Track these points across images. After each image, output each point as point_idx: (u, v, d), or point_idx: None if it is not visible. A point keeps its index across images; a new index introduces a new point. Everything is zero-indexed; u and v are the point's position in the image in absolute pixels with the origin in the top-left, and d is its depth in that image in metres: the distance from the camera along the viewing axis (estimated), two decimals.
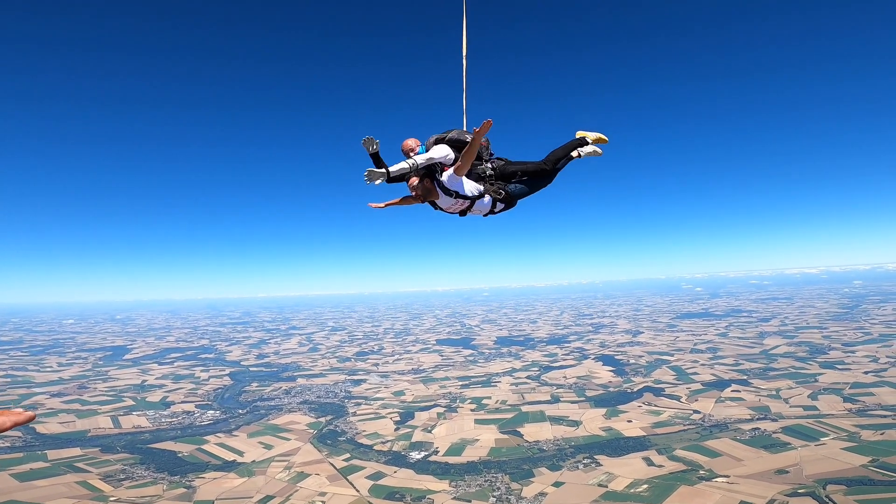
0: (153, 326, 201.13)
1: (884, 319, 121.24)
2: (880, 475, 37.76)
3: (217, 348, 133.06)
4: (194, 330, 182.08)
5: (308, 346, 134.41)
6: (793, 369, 76.32)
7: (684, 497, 37.63)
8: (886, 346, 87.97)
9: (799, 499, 35.43)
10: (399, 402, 71.64)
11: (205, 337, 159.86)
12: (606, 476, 42.92)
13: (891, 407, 54.14)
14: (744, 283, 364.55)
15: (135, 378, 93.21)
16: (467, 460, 48.95)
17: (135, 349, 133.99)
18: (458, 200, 7.53)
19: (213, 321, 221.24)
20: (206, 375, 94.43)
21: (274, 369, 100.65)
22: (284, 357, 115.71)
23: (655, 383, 73.15)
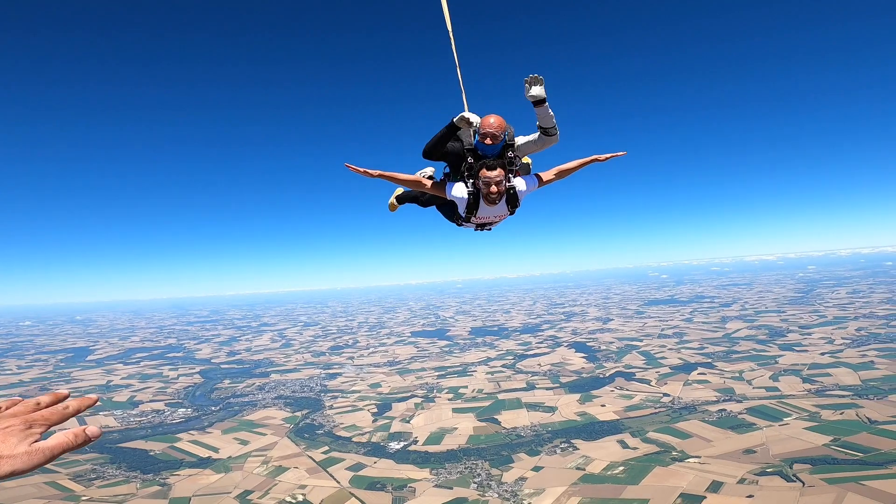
0: (116, 327, 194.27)
1: (837, 303, 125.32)
2: (842, 454, 38.94)
3: (185, 347, 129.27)
4: (160, 329, 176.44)
5: (281, 341, 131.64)
6: (754, 352, 78.39)
7: (659, 477, 38.39)
8: (841, 328, 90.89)
9: (767, 478, 36.36)
10: (376, 394, 71.20)
11: (171, 336, 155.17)
12: (584, 459, 43.49)
13: (847, 387, 56.02)
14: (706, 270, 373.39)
15: (99, 379, 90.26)
16: (447, 449, 48.98)
17: (98, 350, 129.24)
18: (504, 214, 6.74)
19: (179, 320, 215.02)
20: (175, 374, 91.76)
21: (246, 366, 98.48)
22: (256, 353, 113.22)
23: (626, 368, 74.37)
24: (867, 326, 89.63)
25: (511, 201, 6.51)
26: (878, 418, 45.18)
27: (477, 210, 6.51)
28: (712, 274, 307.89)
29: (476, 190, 6.38)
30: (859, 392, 53.66)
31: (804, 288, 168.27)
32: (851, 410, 47.99)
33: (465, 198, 6.47)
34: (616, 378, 69.27)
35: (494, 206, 6.44)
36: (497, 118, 6.31)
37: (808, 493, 33.36)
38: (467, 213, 6.57)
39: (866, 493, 32.32)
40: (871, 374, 59.47)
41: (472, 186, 6.43)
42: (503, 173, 6.17)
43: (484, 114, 6.45)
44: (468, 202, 6.46)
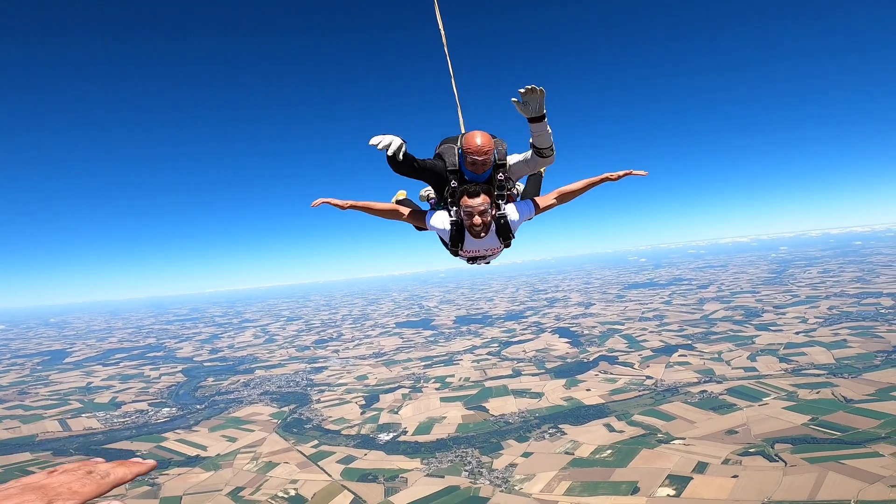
0: (93, 329, 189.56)
1: (809, 282, 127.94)
2: (821, 433, 39.95)
3: (166, 346, 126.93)
4: (138, 329, 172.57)
5: (264, 337, 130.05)
6: (731, 332, 79.94)
7: (646, 460, 39.15)
8: (813, 307, 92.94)
9: (750, 458, 37.22)
10: (363, 386, 71.12)
11: (151, 335, 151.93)
12: (572, 444, 44.14)
13: (822, 366, 57.48)
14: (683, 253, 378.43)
15: (79, 381, 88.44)
16: (436, 438, 49.28)
17: (75, 352, 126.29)
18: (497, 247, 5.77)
19: (158, 319, 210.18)
20: (157, 374, 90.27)
21: (230, 363, 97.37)
22: (239, 350, 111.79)
23: (609, 352, 75.36)
24: (839, 305, 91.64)
25: (502, 232, 5.54)
26: (853, 397, 46.40)
27: (462, 243, 5.58)
28: (689, 256, 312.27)
29: (460, 220, 5.40)
30: (834, 371, 55.07)
31: (777, 268, 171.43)
32: (827, 389, 49.22)
33: (446, 229, 5.52)
34: (600, 362, 70.20)
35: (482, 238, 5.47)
36: (484, 137, 5.22)
37: (791, 473, 34.14)
38: (451, 246, 5.66)
39: (846, 472, 33.11)
40: (844, 353, 60.99)
41: (455, 215, 5.44)
42: (488, 201, 5.19)
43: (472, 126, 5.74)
44: (451, 234, 5.52)
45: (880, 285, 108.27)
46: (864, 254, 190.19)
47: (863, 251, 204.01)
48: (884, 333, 67.31)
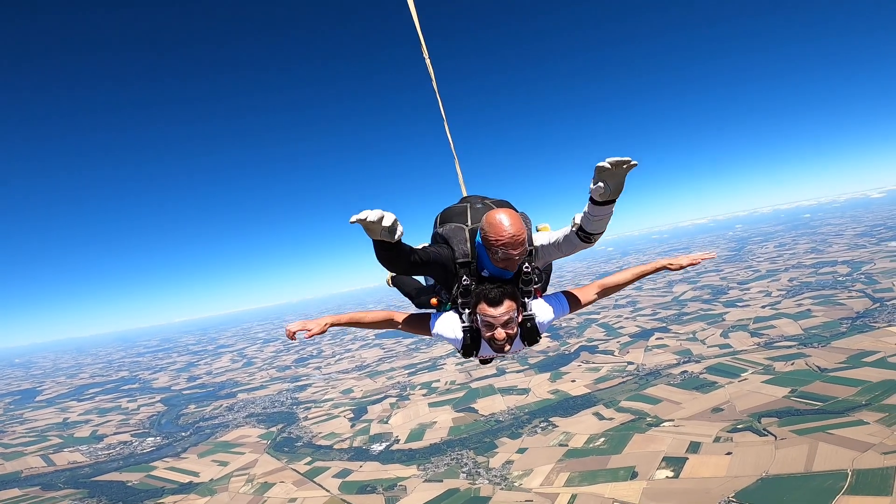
0: (60, 366, 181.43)
1: (767, 257, 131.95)
2: (803, 405, 40.96)
3: (140, 378, 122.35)
4: (109, 364, 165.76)
5: (242, 361, 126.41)
6: (702, 311, 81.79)
7: (640, 444, 39.74)
8: (775, 280, 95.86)
9: (740, 434, 38.02)
10: (349, 400, 70.27)
11: (123, 369, 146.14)
12: (564, 436, 44.50)
13: (792, 337, 59.34)
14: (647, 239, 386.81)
15: (55, 417, 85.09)
16: (429, 443, 49.05)
17: (46, 390, 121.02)
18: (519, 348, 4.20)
19: (128, 353, 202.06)
20: (135, 405, 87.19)
21: (209, 389, 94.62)
22: (218, 376, 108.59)
23: (589, 342, 76.13)
24: (798, 276, 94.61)
25: (528, 336, 4.11)
26: (827, 366, 47.79)
27: (478, 351, 4.15)
28: (653, 242, 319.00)
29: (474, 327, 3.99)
30: (803, 341, 56.92)
31: (736, 246, 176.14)
32: (801, 360, 50.64)
33: (458, 338, 4.10)
34: (581, 352, 70.87)
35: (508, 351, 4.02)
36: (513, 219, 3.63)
37: (783, 446, 34.85)
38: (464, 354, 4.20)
39: (836, 442, 33.82)
40: (810, 323, 63.06)
41: (468, 320, 4.02)
42: (514, 307, 3.75)
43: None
44: (464, 344, 4.09)
45: (834, 254, 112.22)
46: (814, 226, 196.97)
47: (812, 223, 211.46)
48: (845, 300, 69.75)
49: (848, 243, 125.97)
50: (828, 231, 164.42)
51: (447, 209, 4.45)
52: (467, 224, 4.17)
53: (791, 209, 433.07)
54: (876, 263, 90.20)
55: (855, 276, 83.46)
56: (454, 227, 4.15)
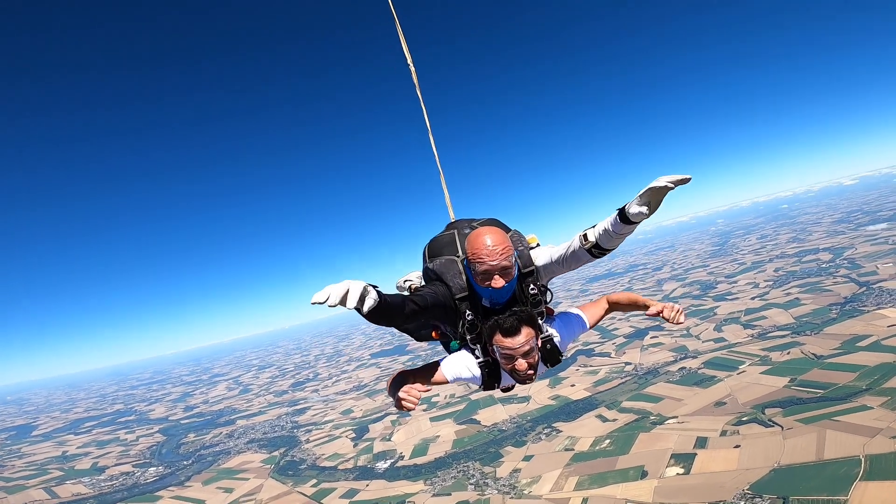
0: (53, 402, 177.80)
1: (751, 249, 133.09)
2: (805, 393, 40.95)
3: (136, 410, 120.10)
4: (103, 398, 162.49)
5: (238, 388, 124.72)
6: (693, 307, 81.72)
7: (646, 443, 39.58)
8: (761, 271, 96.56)
9: (746, 426, 37.94)
10: (350, 420, 69.49)
11: (118, 402, 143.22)
12: (569, 440, 44.27)
13: (784, 326, 59.69)
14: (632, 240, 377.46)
15: (53, 451, 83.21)
16: (434, 458, 48.61)
17: (41, 425, 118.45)
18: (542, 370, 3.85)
19: (121, 386, 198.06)
20: (134, 436, 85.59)
21: (208, 417, 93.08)
22: (215, 404, 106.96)
23: (584, 345, 75.79)
24: (783, 266, 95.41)
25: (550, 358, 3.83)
26: (822, 353, 47.94)
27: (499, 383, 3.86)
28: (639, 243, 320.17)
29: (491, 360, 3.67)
30: (796, 330, 57.28)
31: (719, 241, 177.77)
32: (796, 349, 50.81)
33: (476, 377, 3.76)
34: (578, 357, 70.60)
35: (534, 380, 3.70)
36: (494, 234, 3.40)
37: (791, 436, 34.73)
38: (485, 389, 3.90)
39: (844, 429, 33.63)
40: (800, 311, 63.50)
41: (481, 354, 3.71)
42: (533, 335, 3.41)
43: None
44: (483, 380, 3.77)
45: (815, 242, 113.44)
46: (793, 216, 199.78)
47: (791, 213, 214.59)
48: (831, 287, 70.38)
49: (827, 230, 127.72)
50: (806, 220, 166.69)
51: (434, 240, 4.04)
52: (458, 255, 3.78)
53: (769, 201, 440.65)
54: (857, 248, 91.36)
55: (838, 262, 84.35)
56: (445, 260, 3.76)
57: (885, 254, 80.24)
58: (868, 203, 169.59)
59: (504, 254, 3.34)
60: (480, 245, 3.34)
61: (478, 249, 3.34)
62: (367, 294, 2.74)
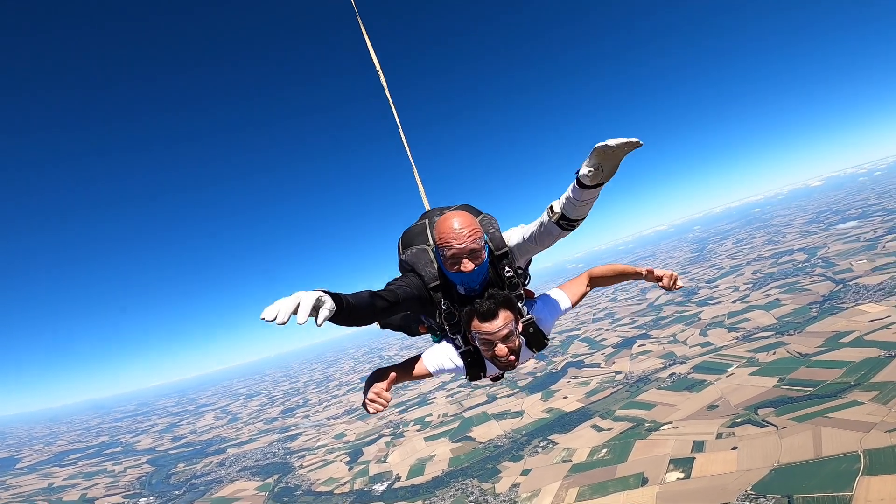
0: (35, 435, 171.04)
1: (728, 253, 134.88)
2: (795, 392, 41.22)
3: (122, 441, 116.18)
4: (87, 430, 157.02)
5: (226, 417, 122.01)
6: (677, 314, 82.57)
7: (643, 450, 39.50)
8: (739, 275, 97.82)
9: (740, 428, 38.05)
10: (343, 444, 68.31)
11: (102, 434, 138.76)
12: (566, 452, 44.04)
13: (767, 327, 60.33)
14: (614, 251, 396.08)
15: (39, 483, 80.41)
16: (431, 477, 47.99)
17: (25, 458, 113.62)
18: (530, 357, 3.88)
19: (105, 419, 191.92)
20: (121, 468, 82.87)
21: (197, 447, 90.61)
22: (203, 434, 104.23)
23: (574, 357, 76.08)
24: (760, 268, 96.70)
25: (535, 342, 3.74)
26: (808, 351, 48.40)
27: (485, 371, 3.77)
28: (620, 253, 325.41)
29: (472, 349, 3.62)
30: (779, 330, 57.95)
31: (697, 247, 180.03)
32: (781, 349, 51.30)
33: (460, 367, 3.71)
34: (568, 369, 70.72)
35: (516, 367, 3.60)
36: (462, 217, 3.33)
37: (786, 435, 34.84)
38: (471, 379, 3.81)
39: (838, 426, 33.79)
40: (782, 311, 64.29)
41: (462, 343, 3.66)
42: (511, 318, 3.30)
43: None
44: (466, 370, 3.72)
45: (789, 243, 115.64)
46: (765, 219, 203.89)
47: (763, 217, 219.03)
48: (809, 286, 71.55)
49: (799, 231, 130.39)
50: (779, 222, 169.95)
51: (407, 231, 3.97)
52: (429, 243, 3.68)
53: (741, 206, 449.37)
54: (829, 247, 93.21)
55: (813, 262, 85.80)
56: (417, 250, 3.67)
57: (857, 251, 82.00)
58: (836, 203, 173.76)
59: (472, 236, 3.28)
60: (447, 229, 3.28)
61: (444, 234, 3.28)
62: (321, 305, 2.59)
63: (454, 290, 3.53)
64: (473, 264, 3.29)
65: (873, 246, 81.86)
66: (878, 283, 61.05)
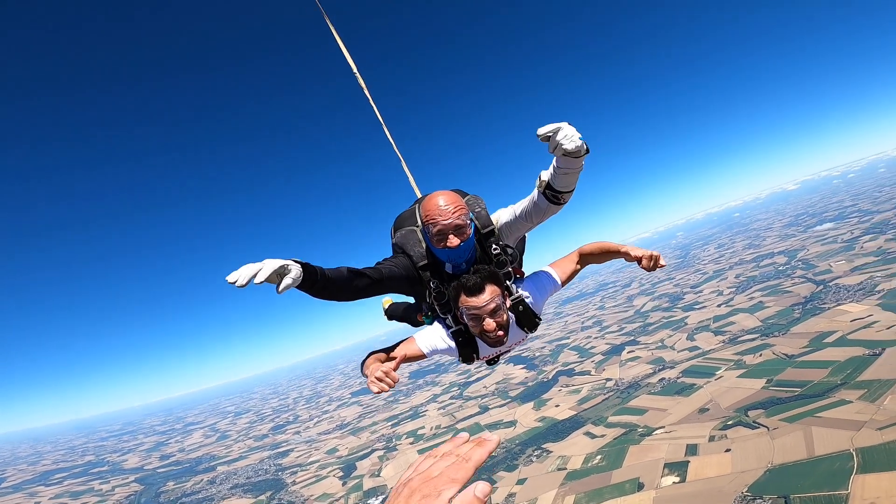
0: (19, 455, 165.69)
1: (711, 258, 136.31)
2: (783, 392, 41.57)
3: (108, 461, 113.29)
4: (71, 450, 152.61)
5: (215, 435, 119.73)
6: (664, 319, 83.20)
7: (638, 455, 39.57)
8: (723, 279, 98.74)
9: (732, 430, 38.27)
10: (336, 459, 67.54)
11: (88, 453, 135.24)
12: (561, 460, 43.98)
13: (752, 330, 61.00)
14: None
15: (25, 501, 79.18)
16: None
17: (9, 477, 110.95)
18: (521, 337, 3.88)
19: (90, 438, 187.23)
20: (109, 486, 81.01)
21: (186, 465, 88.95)
22: (192, 452, 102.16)
23: (564, 366, 76.15)
24: (743, 272, 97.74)
25: (525, 321, 3.74)
26: (793, 352, 48.91)
27: (478, 352, 3.75)
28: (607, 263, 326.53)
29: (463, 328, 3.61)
30: (764, 332, 58.57)
31: (681, 253, 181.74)
32: (767, 350, 51.80)
33: (450, 347, 3.69)
34: (559, 378, 70.74)
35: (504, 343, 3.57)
36: (447, 195, 3.43)
37: (778, 436, 35.06)
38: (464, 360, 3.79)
39: (828, 425, 34.06)
40: (766, 314, 65.04)
41: (453, 322, 3.64)
42: (498, 292, 3.31)
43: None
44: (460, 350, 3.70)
45: (769, 246, 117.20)
46: (745, 223, 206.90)
47: (743, 221, 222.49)
48: (791, 288, 72.57)
49: (779, 234, 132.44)
50: (758, 226, 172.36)
51: (398, 216, 4.05)
52: (417, 225, 3.71)
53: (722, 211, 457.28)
54: (808, 249, 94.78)
55: (793, 264, 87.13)
56: (406, 231, 3.73)
57: (835, 252, 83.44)
58: (812, 205, 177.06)
59: (457, 212, 3.37)
60: (433, 207, 3.37)
61: (430, 211, 3.38)
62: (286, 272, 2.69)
63: (442, 268, 3.58)
64: (459, 239, 3.38)
65: (851, 247, 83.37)
66: (858, 283, 62.13)
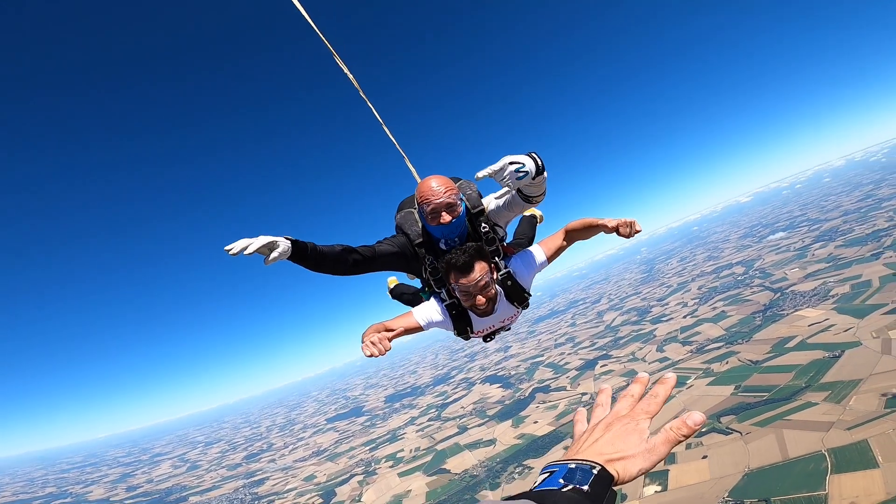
0: None
1: (675, 271, 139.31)
2: (752, 398, 42.40)
3: (71, 493, 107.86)
4: (31, 482, 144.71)
5: (185, 466, 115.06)
6: (634, 333, 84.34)
7: None
8: (686, 291, 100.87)
9: (707, 437, 38.83)
10: (314, 486, 65.97)
11: (49, 485, 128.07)
12: None
13: (717, 339, 62.28)
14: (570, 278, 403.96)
15: None
16: None
17: None
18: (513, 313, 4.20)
19: (50, 470, 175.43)
20: None
21: (155, 496, 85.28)
22: (161, 483, 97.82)
23: (540, 383, 76.43)
24: (705, 283, 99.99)
25: (514, 295, 4.02)
26: (758, 358, 50.05)
27: (471, 326, 4.01)
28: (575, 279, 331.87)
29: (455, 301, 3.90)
30: (728, 340, 59.88)
31: (646, 268, 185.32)
32: (733, 358, 52.92)
33: (444, 320, 3.97)
34: (535, 394, 70.92)
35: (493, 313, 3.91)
36: (439, 178, 3.75)
37: (751, 440, 35.68)
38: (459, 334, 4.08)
39: (798, 427, 34.75)
40: (729, 322, 66.59)
41: (447, 297, 3.95)
42: (486, 269, 3.57)
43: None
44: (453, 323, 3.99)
45: (728, 257, 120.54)
46: (704, 236, 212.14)
47: (702, 234, 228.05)
48: (750, 297, 74.48)
49: (736, 245, 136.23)
50: (716, 239, 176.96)
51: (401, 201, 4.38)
52: (415, 207, 4.00)
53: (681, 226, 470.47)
54: (764, 259, 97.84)
55: (751, 273, 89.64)
56: (405, 213, 4.10)
57: (789, 260, 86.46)
58: (765, 216, 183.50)
59: (448, 192, 3.71)
60: (426, 188, 3.72)
61: (424, 192, 3.72)
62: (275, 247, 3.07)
63: (437, 245, 3.93)
64: (451, 216, 3.73)
65: (803, 254, 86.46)
66: (812, 289, 64.29)
